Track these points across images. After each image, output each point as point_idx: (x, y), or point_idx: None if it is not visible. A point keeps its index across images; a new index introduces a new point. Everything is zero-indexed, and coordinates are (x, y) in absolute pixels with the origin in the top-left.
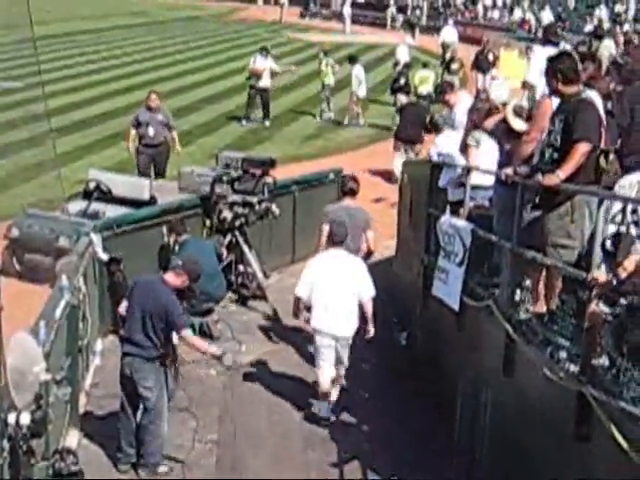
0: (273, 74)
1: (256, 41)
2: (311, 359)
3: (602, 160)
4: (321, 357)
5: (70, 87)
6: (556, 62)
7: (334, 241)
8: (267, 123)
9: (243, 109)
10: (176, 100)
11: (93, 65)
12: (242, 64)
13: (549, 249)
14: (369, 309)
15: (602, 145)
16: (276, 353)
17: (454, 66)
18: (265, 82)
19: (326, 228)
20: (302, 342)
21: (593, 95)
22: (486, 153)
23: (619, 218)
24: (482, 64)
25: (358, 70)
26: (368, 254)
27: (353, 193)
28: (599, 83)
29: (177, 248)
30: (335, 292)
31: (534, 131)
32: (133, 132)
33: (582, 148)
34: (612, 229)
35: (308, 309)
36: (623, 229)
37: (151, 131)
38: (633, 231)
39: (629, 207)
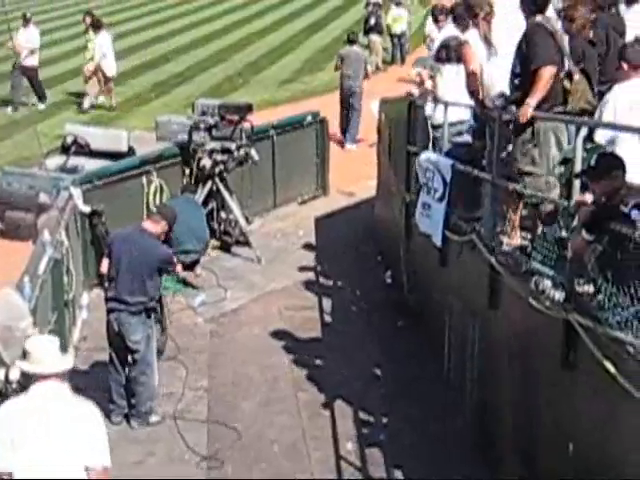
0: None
1: None
2: (298, 301)
3: (566, 82)
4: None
5: None
6: None
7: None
8: (42, 106)
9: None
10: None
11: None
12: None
13: (516, 177)
14: None
15: (565, 68)
16: (261, 298)
17: None
18: (30, 59)
19: (339, 61)
20: (287, 286)
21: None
22: (452, 81)
23: None
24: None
25: (102, 38)
26: (366, 75)
27: (354, 41)
28: (575, 11)
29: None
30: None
31: (468, 80)
32: None
33: (546, 72)
34: None
35: None
36: None
37: None
38: None
39: None
